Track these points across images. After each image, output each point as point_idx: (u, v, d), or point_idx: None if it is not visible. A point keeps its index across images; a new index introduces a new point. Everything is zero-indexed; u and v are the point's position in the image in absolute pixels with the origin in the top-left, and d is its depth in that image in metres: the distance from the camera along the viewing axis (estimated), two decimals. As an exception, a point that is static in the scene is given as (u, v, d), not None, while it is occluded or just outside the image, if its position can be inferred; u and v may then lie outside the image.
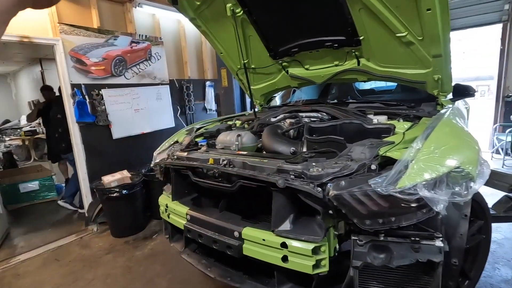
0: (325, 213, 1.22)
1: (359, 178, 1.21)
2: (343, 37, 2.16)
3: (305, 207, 1.32)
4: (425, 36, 1.83)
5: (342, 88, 4.17)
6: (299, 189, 1.21)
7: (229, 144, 1.90)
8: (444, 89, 2.11)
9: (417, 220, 1.16)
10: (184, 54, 4.94)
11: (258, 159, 1.51)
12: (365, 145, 1.39)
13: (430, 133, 1.38)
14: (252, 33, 2.46)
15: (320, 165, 1.29)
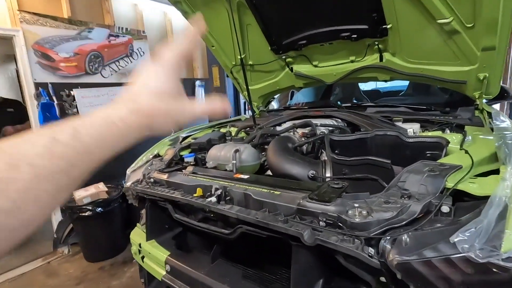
0: (378, 282, 0.78)
1: (432, 231, 0.77)
2: (365, 25, 1.73)
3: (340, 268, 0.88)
4: (477, 22, 1.42)
5: (347, 88, 3.78)
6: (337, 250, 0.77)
7: (223, 162, 1.45)
8: (489, 90, 1.71)
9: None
10: (171, 51, 4.45)
11: (266, 189, 1.06)
12: (422, 172, 0.96)
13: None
14: (251, 21, 2.02)
15: (364, 205, 0.85)
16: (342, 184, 1.01)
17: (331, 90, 3.79)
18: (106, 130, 0.37)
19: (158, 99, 0.41)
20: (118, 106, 0.39)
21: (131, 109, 0.39)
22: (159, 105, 0.41)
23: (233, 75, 2.54)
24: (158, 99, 0.41)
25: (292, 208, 0.94)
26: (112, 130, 0.37)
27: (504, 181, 0.82)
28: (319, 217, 0.86)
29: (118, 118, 0.38)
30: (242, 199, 1.09)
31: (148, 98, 0.41)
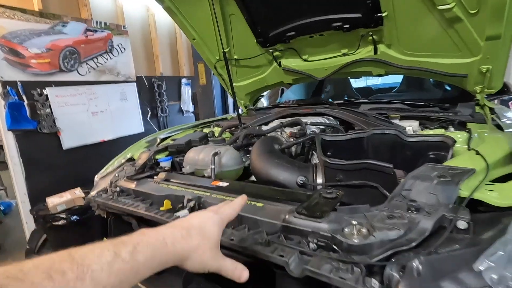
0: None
1: (449, 255, 0.62)
2: (358, 14, 1.58)
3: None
4: (482, 7, 1.28)
5: (338, 85, 3.64)
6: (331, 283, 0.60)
7: (201, 167, 1.27)
8: (492, 84, 1.58)
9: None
10: (154, 47, 4.23)
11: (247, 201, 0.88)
12: (430, 178, 0.81)
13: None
14: (234, 11, 1.84)
15: (364, 221, 0.69)
16: (336, 194, 0.84)
17: (322, 87, 3.65)
18: (158, 251, 0.43)
19: (206, 241, 0.51)
20: (175, 229, 0.49)
21: (183, 236, 0.49)
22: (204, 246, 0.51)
23: (218, 71, 2.36)
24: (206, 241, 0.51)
25: (276, 225, 0.77)
26: (161, 251, 0.44)
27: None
28: (309, 237, 0.70)
29: (170, 240, 0.46)
30: (218, 212, 0.91)
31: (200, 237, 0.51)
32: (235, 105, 2.08)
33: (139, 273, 0.40)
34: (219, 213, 0.58)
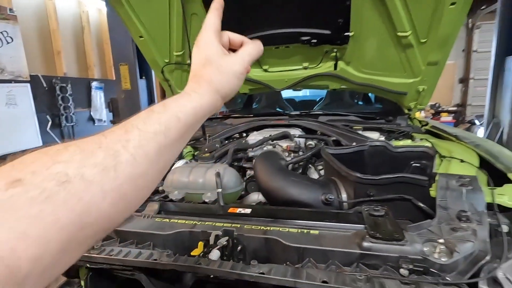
0: None
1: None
2: (328, 30, 1.65)
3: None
4: (430, 38, 1.53)
5: (270, 96, 3.77)
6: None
7: (196, 191, 1.06)
8: (423, 101, 1.92)
9: None
10: (55, 41, 3.42)
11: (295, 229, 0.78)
12: (456, 188, 0.89)
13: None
14: (198, 11, 1.65)
15: (444, 239, 0.69)
16: (385, 210, 0.83)
17: (252, 97, 3.70)
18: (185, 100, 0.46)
19: (209, 64, 0.51)
20: (189, 84, 0.51)
21: (196, 82, 0.50)
22: (212, 69, 0.51)
23: (165, 75, 2.07)
24: (209, 64, 0.51)
25: (353, 253, 0.69)
26: (189, 99, 0.46)
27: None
28: (401, 263, 0.65)
29: (190, 90, 0.48)
30: (261, 247, 0.76)
31: (203, 68, 0.51)
32: None
33: (181, 121, 0.42)
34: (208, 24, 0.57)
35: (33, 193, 0.26)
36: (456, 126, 6.76)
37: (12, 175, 0.27)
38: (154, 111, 0.41)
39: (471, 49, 7.69)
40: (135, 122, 0.38)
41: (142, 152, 0.36)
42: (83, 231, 0.30)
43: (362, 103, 3.05)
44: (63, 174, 0.29)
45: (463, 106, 7.89)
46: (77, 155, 0.31)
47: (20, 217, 0.25)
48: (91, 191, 0.30)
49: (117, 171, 0.33)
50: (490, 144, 1.38)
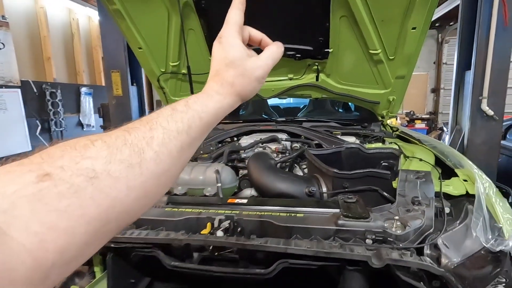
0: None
1: (452, 232, 0.89)
2: (310, 47, 1.87)
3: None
4: (397, 56, 1.78)
5: (257, 103, 3.97)
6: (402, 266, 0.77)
7: (197, 186, 1.22)
8: (394, 110, 2.17)
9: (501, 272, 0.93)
10: (45, 47, 3.48)
11: (285, 213, 0.96)
12: (413, 180, 1.10)
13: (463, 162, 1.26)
14: (194, 27, 1.82)
15: (399, 217, 0.89)
16: (356, 198, 1.02)
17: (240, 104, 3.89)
18: (208, 100, 0.46)
19: (233, 66, 0.49)
20: (209, 83, 0.49)
21: (218, 83, 0.48)
22: (236, 72, 0.49)
23: (160, 83, 2.22)
24: (233, 67, 0.49)
25: (330, 230, 0.88)
26: (211, 100, 0.46)
27: (477, 183, 1.04)
28: (366, 234, 0.84)
29: (213, 91, 0.47)
30: (257, 228, 0.94)
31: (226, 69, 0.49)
32: None
33: (203, 119, 0.42)
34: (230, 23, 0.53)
35: (61, 188, 0.27)
36: (429, 132, 7.24)
37: (42, 168, 0.28)
38: (177, 110, 0.41)
39: (441, 61, 8.30)
40: (159, 120, 0.38)
41: (166, 150, 0.37)
42: (107, 225, 0.31)
43: (342, 110, 3.30)
44: (91, 170, 0.30)
45: (435, 114, 8.45)
46: (104, 151, 0.32)
47: (50, 210, 0.26)
48: (117, 188, 0.31)
49: (141, 168, 0.34)
50: (444, 147, 1.63)
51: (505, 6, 2.52)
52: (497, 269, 0.89)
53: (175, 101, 1.59)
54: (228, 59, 0.50)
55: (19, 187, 0.25)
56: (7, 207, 0.24)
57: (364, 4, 1.56)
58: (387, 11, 1.59)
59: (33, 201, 0.25)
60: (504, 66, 2.63)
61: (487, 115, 2.65)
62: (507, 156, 2.86)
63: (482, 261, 0.84)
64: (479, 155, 2.70)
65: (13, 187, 0.25)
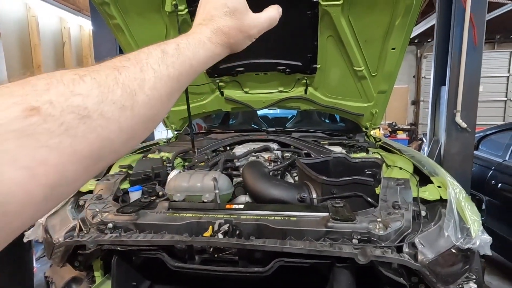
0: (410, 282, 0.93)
1: (428, 232, 1.00)
2: (299, 62, 2.01)
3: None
4: (378, 72, 1.94)
5: (247, 114, 4.08)
6: (384, 262, 0.87)
7: (195, 193, 1.29)
8: (376, 122, 2.33)
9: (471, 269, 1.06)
10: (35, 55, 3.47)
11: (279, 217, 1.05)
12: (394, 187, 1.22)
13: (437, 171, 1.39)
14: (191, 41, 1.92)
15: (379, 219, 1.00)
16: (343, 203, 1.13)
17: (229, 114, 3.99)
18: (199, 47, 0.42)
19: (232, 17, 0.46)
20: (202, 28, 0.45)
21: (212, 30, 0.45)
22: (234, 23, 0.46)
23: (155, 94, 2.28)
24: (232, 17, 0.46)
25: (320, 231, 0.97)
26: (203, 47, 0.43)
27: (449, 189, 1.17)
28: (353, 235, 0.94)
29: (206, 38, 0.44)
30: (254, 231, 1.02)
31: (224, 18, 0.46)
32: (191, 129, 2.08)
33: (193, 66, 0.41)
34: None
35: (51, 125, 0.26)
36: (410, 142, 7.57)
37: (27, 101, 0.26)
38: (168, 53, 0.38)
39: (420, 75, 8.75)
40: (150, 61, 0.36)
41: (157, 94, 0.36)
42: (97, 164, 0.31)
43: (328, 121, 3.45)
44: (83, 107, 0.28)
45: (416, 125, 8.84)
46: (95, 89, 0.30)
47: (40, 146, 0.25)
48: (109, 128, 0.31)
49: (133, 111, 0.33)
50: (421, 156, 1.78)
51: (474, 28, 2.77)
52: (466, 266, 1.01)
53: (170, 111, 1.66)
54: (228, 8, 0.46)
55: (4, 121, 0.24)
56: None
57: (348, 26, 1.71)
58: (370, 32, 1.74)
59: (22, 137, 0.25)
60: (475, 82, 2.86)
61: (461, 127, 2.86)
62: (480, 165, 3.08)
63: (453, 258, 0.95)
64: (455, 164, 2.89)
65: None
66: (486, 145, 3.29)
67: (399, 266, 0.94)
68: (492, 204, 2.81)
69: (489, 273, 2.85)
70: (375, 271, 0.93)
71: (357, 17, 1.67)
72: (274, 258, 0.93)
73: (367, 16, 1.67)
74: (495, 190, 2.80)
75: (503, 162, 2.85)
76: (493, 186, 2.83)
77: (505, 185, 2.70)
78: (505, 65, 8.07)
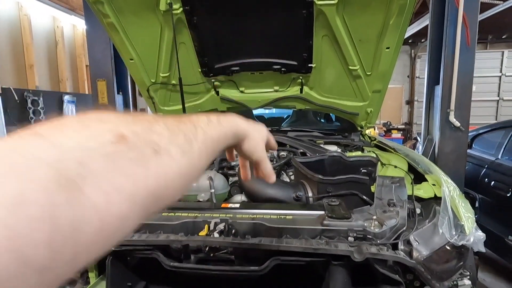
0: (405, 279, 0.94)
1: (423, 229, 1.01)
2: (295, 62, 2.01)
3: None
4: (373, 72, 1.95)
5: (242, 113, 4.06)
6: (379, 259, 0.87)
7: (193, 192, 1.29)
8: (372, 121, 2.34)
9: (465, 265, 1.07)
10: (28, 55, 3.43)
11: (275, 216, 1.05)
12: (389, 185, 1.23)
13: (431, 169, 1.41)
14: (186, 40, 1.91)
15: (376, 217, 1.01)
16: (339, 201, 1.13)
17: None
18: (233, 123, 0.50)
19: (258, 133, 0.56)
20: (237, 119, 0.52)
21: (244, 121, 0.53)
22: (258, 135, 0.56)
23: (149, 93, 2.27)
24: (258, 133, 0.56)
25: (317, 229, 0.97)
26: (233, 125, 0.50)
27: (443, 186, 1.18)
28: (349, 233, 0.94)
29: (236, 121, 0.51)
30: (250, 229, 1.02)
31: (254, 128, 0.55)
32: None
33: (221, 141, 0.45)
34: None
35: (133, 154, 0.27)
36: (404, 142, 7.63)
37: (118, 128, 0.28)
38: (212, 121, 0.43)
39: (414, 75, 8.83)
40: (200, 123, 0.40)
41: (204, 150, 0.38)
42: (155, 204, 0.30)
43: (323, 121, 3.46)
44: (157, 144, 0.30)
45: (410, 125, 8.92)
46: (165, 130, 0.32)
47: (120, 173, 0.26)
48: (172, 169, 0.32)
49: (190, 157, 0.35)
50: (415, 155, 1.79)
51: (467, 28, 2.80)
52: (460, 262, 1.02)
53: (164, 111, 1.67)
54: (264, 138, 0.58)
55: (98, 145, 0.25)
56: (85, 160, 0.23)
57: (343, 25, 1.72)
58: (364, 32, 1.75)
59: (108, 161, 0.25)
60: (468, 82, 2.90)
61: (455, 126, 2.89)
62: (473, 164, 3.12)
63: (447, 255, 0.96)
64: (449, 163, 2.92)
65: (92, 143, 0.25)
66: (479, 143, 3.33)
67: (395, 263, 0.94)
68: (485, 202, 2.85)
69: (482, 270, 2.89)
70: (370, 268, 0.93)
71: (351, 16, 1.68)
72: (270, 256, 0.93)
73: (361, 16, 1.67)
74: (488, 188, 2.83)
75: (496, 160, 2.89)
76: (486, 184, 2.86)
77: (497, 183, 2.74)
78: (497, 65, 8.19)
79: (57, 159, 0.22)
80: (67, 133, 0.25)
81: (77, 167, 0.23)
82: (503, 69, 8.17)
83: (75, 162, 0.23)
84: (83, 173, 0.23)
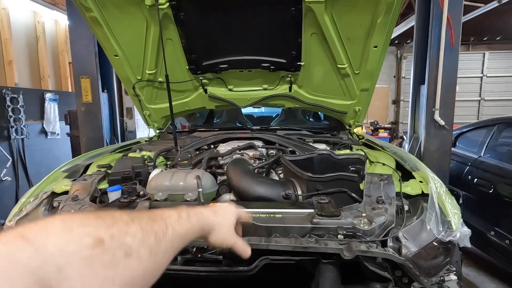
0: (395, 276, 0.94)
1: (411, 226, 1.01)
2: (284, 60, 1.99)
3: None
4: (361, 70, 1.96)
5: (231, 112, 4.04)
6: (369, 257, 0.87)
7: (177, 191, 1.25)
8: (359, 120, 2.36)
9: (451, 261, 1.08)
10: (6, 50, 3.29)
11: (265, 214, 1.03)
12: (377, 182, 1.23)
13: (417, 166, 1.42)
14: (173, 37, 1.87)
15: (366, 214, 1.00)
16: (328, 199, 1.13)
17: (214, 113, 3.94)
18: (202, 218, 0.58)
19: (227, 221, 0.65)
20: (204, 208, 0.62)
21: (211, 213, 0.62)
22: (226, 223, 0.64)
23: (135, 91, 2.21)
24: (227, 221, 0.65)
25: (306, 227, 0.96)
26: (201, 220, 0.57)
27: (430, 183, 1.19)
28: (338, 230, 0.94)
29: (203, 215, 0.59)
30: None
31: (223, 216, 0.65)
32: (173, 127, 2.02)
33: (188, 237, 0.51)
34: (238, 208, 0.73)
35: (106, 258, 0.31)
36: (391, 140, 7.77)
37: (98, 232, 0.32)
38: (182, 217, 0.50)
39: (400, 75, 9.01)
40: (170, 221, 0.46)
41: (170, 246, 0.44)
42: None
43: (312, 120, 3.47)
44: (129, 247, 0.34)
45: (396, 124, 9.10)
46: (139, 231, 0.37)
47: (92, 277, 0.30)
48: (140, 270, 0.36)
49: (156, 257, 0.39)
50: (403, 152, 1.81)
51: (451, 29, 2.86)
52: (447, 258, 1.03)
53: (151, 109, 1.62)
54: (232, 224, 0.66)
55: (77, 248, 0.29)
56: (63, 266, 0.28)
57: (332, 23, 1.72)
58: (353, 30, 1.76)
59: (84, 265, 0.29)
60: (452, 81, 2.97)
61: (439, 125, 2.95)
62: (457, 161, 3.20)
63: (435, 251, 0.97)
64: (434, 161, 2.98)
65: (72, 247, 0.29)
66: (463, 142, 3.42)
67: (384, 260, 0.94)
68: (469, 199, 2.92)
69: (465, 265, 2.97)
70: (360, 266, 0.93)
71: (340, 14, 1.68)
72: (259, 256, 0.91)
73: (350, 14, 1.68)
74: (471, 185, 2.91)
75: (478, 158, 2.97)
76: (469, 181, 2.94)
77: (480, 180, 2.82)
78: (479, 66, 8.46)
79: (39, 266, 0.26)
80: (51, 237, 0.29)
81: (55, 272, 0.27)
82: (484, 70, 8.45)
83: (54, 268, 0.27)
84: (60, 279, 0.27)
